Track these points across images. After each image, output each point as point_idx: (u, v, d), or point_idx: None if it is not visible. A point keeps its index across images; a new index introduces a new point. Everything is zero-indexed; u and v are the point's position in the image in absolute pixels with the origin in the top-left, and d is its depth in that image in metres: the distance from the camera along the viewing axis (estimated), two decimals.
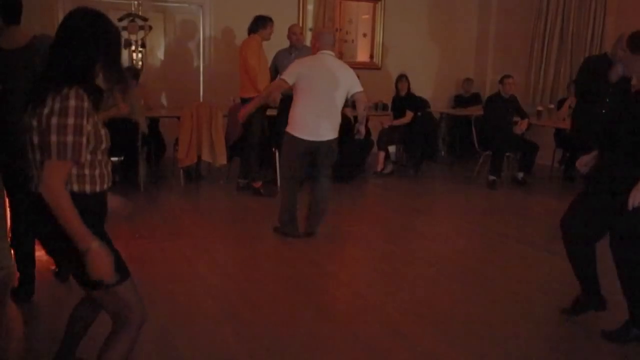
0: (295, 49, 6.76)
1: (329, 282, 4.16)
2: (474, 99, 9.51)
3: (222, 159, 6.70)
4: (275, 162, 6.84)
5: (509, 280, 4.19)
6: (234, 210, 6.03)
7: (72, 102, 1.89)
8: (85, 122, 1.92)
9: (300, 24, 8.62)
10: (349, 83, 4.76)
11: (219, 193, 6.70)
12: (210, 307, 3.58)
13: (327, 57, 4.77)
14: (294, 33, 6.78)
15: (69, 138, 1.89)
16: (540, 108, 8.28)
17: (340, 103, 4.77)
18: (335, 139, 4.82)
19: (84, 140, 1.94)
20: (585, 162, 3.37)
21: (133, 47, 7.77)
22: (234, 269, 4.28)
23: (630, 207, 2.94)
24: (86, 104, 1.93)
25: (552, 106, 8.14)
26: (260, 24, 6.31)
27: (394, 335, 3.29)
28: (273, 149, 6.82)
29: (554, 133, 7.87)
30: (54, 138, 1.89)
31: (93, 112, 1.98)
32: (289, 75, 4.72)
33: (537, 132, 8.03)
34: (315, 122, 4.68)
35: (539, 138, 7.74)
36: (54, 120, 1.89)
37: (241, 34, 6.49)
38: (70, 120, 1.89)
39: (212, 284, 3.95)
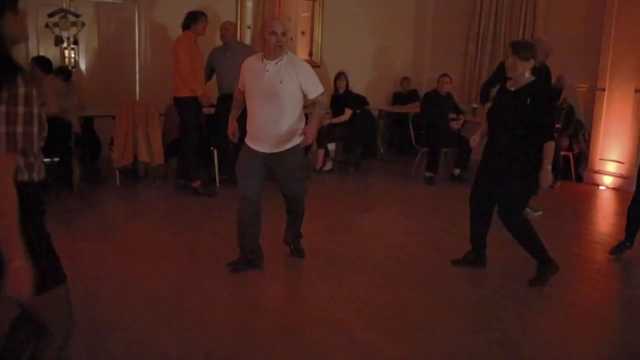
0: (229, 47, 6.69)
1: (269, 281, 4.15)
2: (412, 96, 9.65)
3: (160, 159, 6.59)
4: (214, 162, 6.78)
5: (447, 275, 4.29)
6: (173, 210, 5.94)
7: (21, 90, 1.78)
8: (35, 109, 1.82)
9: (239, 22, 8.57)
10: None
11: (156, 193, 6.58)
12: (148, 310, 3.52)
13: None
14: (226, 29, 6.71)
15: (19, 128, 1.78)
16: (475, 105, 8.46)
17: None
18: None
19: (35, 129, 1.83)
20: (475, 140, 4.32)
21: (65, 44, 7.54)
22: (172, 271, 4.21)
23: (542, 187, 3.89)
24: (34, 91, 1.82)
25: (475, 105, 8.28)
26: (192, 19, 6.20)
27: (332, 332, 3.32)
28: (211, 148, 6.75)
29: None
30: (2, 129, 1.77)
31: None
32: None
33: (473, 128, 8.21)
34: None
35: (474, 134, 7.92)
36: (2, 109, 1.76)
37: (178, 30, 6.37)
38: (21, 109, 1.78)
39: (149, 287, 3.88)
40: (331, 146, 8.35)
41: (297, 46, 9.47)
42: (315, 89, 4.07)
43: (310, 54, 9.47)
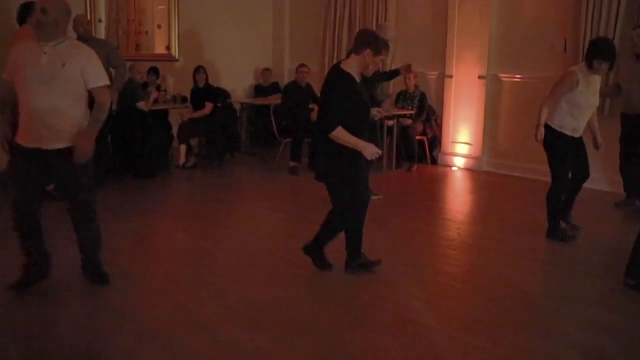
0: (84, 43, 6.35)
1: (130, 283, 4.00)
2: (273, 88, 9.72)
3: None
4: None
5: (310, 263, 4.38)
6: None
7: None
8: None
9: (90, 15, 8.15)
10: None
11: None
12: None
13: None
14: (80, 24, 6.36)
15: None
16: None
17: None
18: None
19: None
20: None
21: None
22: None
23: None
24: None
25: None
26: (26, 12, 5.80)
27: (197, 331, 3.27)
28: None
29: None
30: None
31: None
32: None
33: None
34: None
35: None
36: None
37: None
38: None
39: None
40: (193, 141, 8.23)
41: (154, 40, 9.20)
42: (98, 77, 3.59)
43: (168, 48, 9.23)
